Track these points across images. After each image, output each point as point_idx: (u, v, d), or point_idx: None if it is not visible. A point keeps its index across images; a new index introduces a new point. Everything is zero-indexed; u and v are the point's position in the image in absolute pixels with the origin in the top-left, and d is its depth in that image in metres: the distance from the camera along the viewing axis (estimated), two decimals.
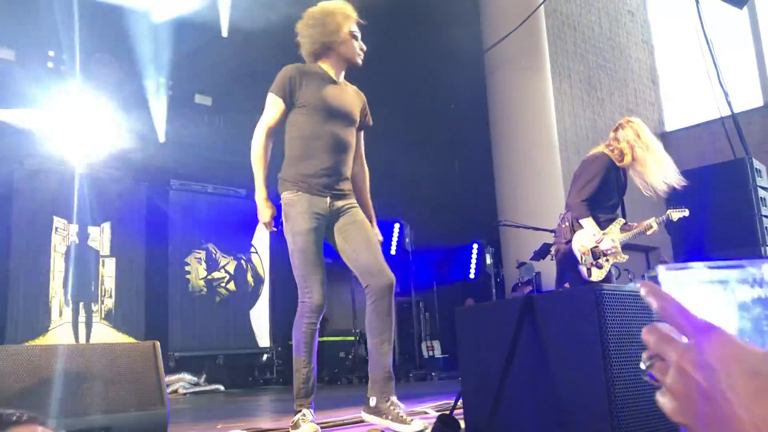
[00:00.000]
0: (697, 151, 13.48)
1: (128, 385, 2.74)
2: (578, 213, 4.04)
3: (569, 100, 12.49)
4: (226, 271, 9.56)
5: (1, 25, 8.39)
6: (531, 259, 7.34)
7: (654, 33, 15.22)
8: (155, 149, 9.77)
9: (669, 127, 14.70)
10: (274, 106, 3.12)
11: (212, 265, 9.45)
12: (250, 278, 9.87)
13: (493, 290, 10.14)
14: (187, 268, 9.19)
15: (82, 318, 8.17)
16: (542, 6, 10.48)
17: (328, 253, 3.23)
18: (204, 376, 8.77)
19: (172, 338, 8.70)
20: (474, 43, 10.58)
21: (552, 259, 6.37)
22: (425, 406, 4.18)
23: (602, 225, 4.08)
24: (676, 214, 4.30)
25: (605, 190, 4.11)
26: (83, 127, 8.70)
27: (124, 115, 9.41)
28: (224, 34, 10.02)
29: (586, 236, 4.01)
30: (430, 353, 10.87)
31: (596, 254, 4.02)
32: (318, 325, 3.16)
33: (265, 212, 3.11)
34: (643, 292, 0.58)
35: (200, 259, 9.33)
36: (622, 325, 2.18)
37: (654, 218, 4.29)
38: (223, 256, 9.55)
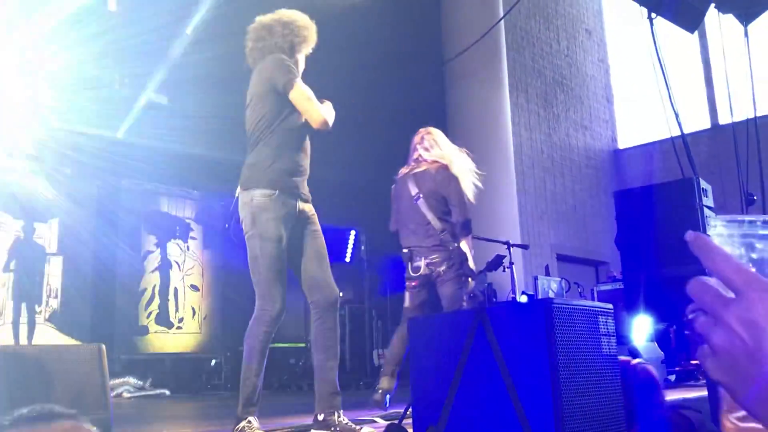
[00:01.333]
0: (648, 169, 13.84)
1: (70, 389, 2.66)
2: (469, 231, 4.19)
3: (526, 115, 12.69)
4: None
5: None
6: (484, 270, 7.41)
7: (610, 52, 15.60)
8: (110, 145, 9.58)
9: (621, 144, 15.07)
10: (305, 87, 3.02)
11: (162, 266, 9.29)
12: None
13: None
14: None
15: (24, 319, 7.92)
16: (502, 21, 10.64)
17: None
18: (150, 380, 8.59)
19: (118, 341, 8.51)
20: (434, 54, 10.67)
21: (504, 271, 6.44)
22: (374, 414, 4.17)
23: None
24: None
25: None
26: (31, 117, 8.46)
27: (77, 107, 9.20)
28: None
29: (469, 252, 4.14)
30: (381, 361, 10.86)
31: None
32: (273, 331, 3.12)
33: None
34: (690, 240, 0.55)
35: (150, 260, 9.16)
36: (571, 338, 2.22)
37: None
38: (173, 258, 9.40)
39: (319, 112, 2.98)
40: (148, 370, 8.77)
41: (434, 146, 4.47)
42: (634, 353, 5.56)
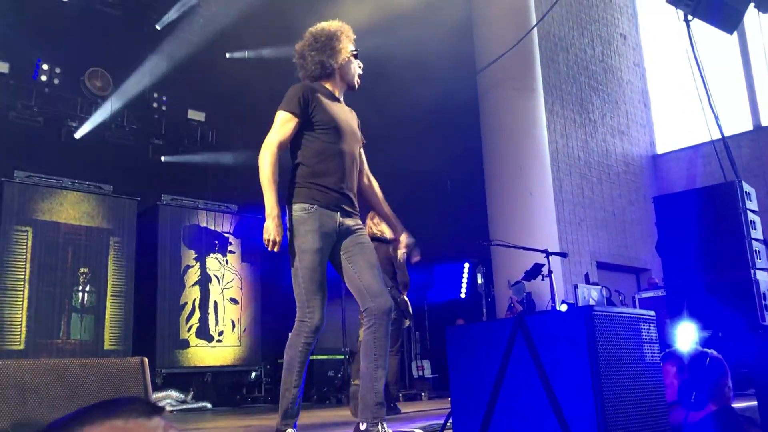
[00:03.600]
0: (688, 174, 13.59)
1: None
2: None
3: (561, 121, 12.57)
4: None
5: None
6: (523, 279, 7.34)
7: (646, 56, 15.38)
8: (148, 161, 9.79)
9: (660, 149, 14.82)
10: (286, 123, 3.11)
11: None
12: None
13: (484, 310, 10.12)
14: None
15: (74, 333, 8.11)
16: (535, 28, 10.59)
17: None
18: (191, 393, 8.68)
19: (159, 355, 8.63)
20: (467, 63, 10.65)
21: (543, 280, 6.37)
22: (415, 426, 4.15)
23: None
24: None
25: None
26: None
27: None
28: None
29: None
30: (420, 373, 10.82)
31: None
32: (314, 342, 3.13)
33: (278, 231, 2.99)
34: None
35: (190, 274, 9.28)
36: (613, 346, 2.18)
37: None
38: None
39: (266, 142, 3.12)
40: (190, 383, 8.87)
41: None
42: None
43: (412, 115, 10.10)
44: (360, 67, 3.37)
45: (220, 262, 9.59)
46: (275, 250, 3.02)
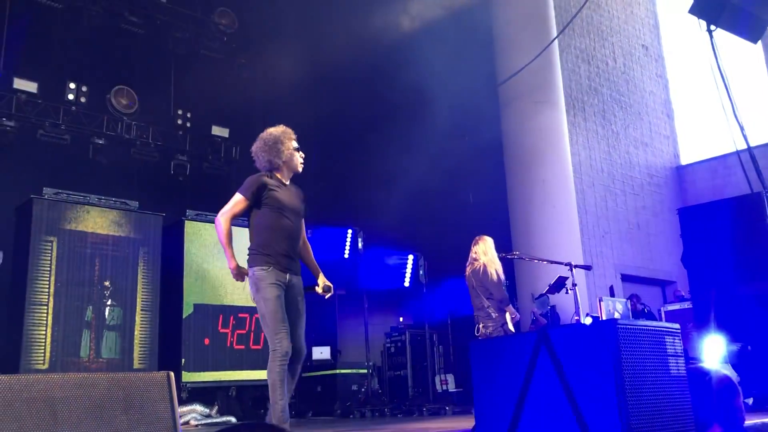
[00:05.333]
0: (713, 185, 13.42)
1: (142, 416, 2.74)
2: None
3: (584, 133, 12.51)
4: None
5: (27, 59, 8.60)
6: (547, 292, 7.28)
7: (668, 66, 15.27)
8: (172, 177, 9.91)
9: (684, 160, 14.66)
10: (239, 203, 4.11)
11: None
12: None
13: None
14: None
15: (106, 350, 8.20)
16: (556, 40, 10.57)
17: (340, 285, 3.40)
18: (216, 407, 8.72)
19: (185, 369, 8.69)
20: (488, 75, 10.66)
21: (567, 293, 6.32)
22: None
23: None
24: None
25: None
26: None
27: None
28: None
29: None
30: (444, 387, 10.75)
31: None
32: (287, 366, 3.93)
33: (239, 275, 4.09)
34: None
35: None
36: (638, 359, 2.16)
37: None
38: None
39: (221, 212, 4.11)
40: (215, 397, 8.91)
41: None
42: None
43: (432, 128, 10.12)
44: (302, 156, 4.28)
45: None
46: (242, 280, 4.11)
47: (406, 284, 11.57)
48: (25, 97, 8.60)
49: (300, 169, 4.28)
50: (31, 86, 8.63)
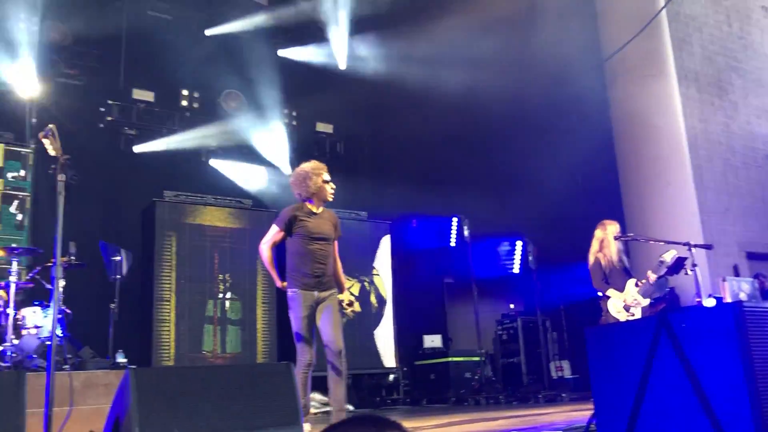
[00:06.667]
0: None
1: (267, 404, 2.88)
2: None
3: (698, 105, 11.85)
4: (351, 293, 9.76)
5: (143, 70, 9.16)
6: (664, 274, 6.99)
7: None
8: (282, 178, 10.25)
9: None
10: (276, 234, 4.85)
11: None
12: (373, 299, 10.03)
13: None
14: None
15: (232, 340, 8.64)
16: (664, 10, 10.06)
17: (447, 273, 3.40)
18: None
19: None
20: (593, 51, 10.30)
21: (687, 274, 6.06)
22: (557, 429, 4.08)
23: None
24: (667, 256, 5.80)
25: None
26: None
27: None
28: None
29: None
30: (559, 374, 10.56)
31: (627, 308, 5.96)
32: (310, 372, 4.64)
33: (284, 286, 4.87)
34: None
35: None
36: (766, 342, 2.05)
37: (649, 271, 5.96)
38: (348, 279, 9.77)
39: (262, 242, 4.92)
40: None
41: None
42: None
43: (539, 106, 9.91)
44: (333, 188, 5.01)
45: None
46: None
47: (515, 270, 11.44)
48: (143, 107, 9.16)
49: (330, 199, 4.99)
50: (148, 95, 9.18)
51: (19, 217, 7.69)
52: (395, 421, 0.92)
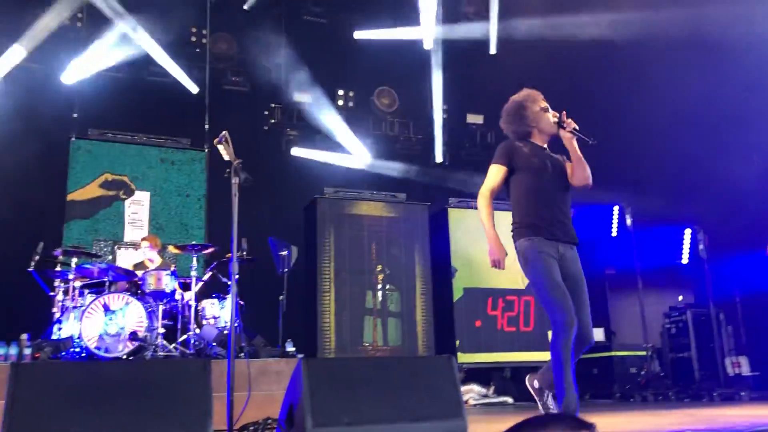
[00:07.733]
0: None
1: (429, 396, 2.94)
2: None
3: None
4: None
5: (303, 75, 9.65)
6: None
7: None
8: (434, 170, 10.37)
9: None
10: (496, 174, 3.95)
11: None
12: None
13: None
14: None
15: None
16: None
17: (611, 264, 3.30)
18: (492, 387, 8.95)
19: (459, 350, 9.05)
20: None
21: None
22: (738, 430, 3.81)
23: None
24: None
25: None
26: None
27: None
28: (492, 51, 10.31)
29: None
30: (736, 370, 9.80)
31: None
32: (572, 341, 3.60)
33: (500, 252, 3.84)
34: None
35: None
36: None
37: None
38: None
39: (480, 191, 3.96)
40: (490, 378, 9.16)
41: None
42: None
43: (704, 80, 9.23)
44: (555, 116, 3.98)
45: None
46: (502, 268, 3.84)
47: (684, 260, 10.78)
48: (303, 108, 9.64)
49: (555, 130, 3.96)
50: (305, 97, 9.65)
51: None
52: (590, 422, 0.91)
